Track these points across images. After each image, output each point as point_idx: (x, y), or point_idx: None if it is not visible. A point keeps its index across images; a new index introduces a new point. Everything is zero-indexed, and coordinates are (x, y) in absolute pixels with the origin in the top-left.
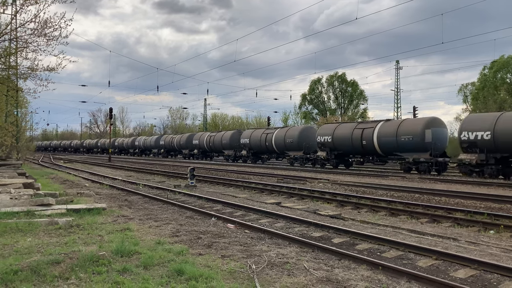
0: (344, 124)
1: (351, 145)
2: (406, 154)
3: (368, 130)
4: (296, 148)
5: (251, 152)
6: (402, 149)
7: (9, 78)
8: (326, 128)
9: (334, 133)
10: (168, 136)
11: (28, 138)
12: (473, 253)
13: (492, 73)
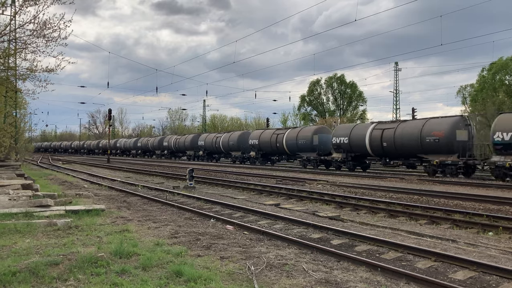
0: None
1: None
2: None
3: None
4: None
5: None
6: (426, 150)
7: (8, 79)
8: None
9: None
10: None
11: (27, 139)
12: (472, 254)
13: (490, 74)
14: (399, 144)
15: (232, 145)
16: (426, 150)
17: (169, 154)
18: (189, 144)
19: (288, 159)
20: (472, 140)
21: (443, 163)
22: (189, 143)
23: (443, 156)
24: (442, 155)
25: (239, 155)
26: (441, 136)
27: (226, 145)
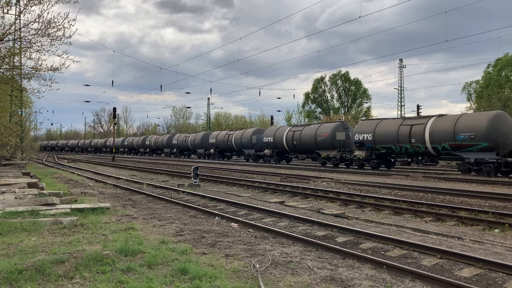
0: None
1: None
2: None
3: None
4: (329, 147)
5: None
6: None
7: (13, 78)
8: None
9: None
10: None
11: (32, 138)
12: (477, 252)
13: (496, 71)
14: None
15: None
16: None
17: (179, 152)
18: (199, 142)
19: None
20: (349, 139)
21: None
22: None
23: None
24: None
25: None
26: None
27: (238, 142)
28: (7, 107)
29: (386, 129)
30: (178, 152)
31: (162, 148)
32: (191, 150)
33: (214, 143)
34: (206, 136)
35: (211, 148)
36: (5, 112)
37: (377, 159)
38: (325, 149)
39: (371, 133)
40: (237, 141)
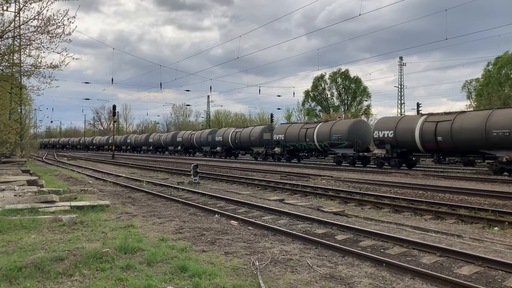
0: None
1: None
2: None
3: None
4: (259, 145)
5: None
6: (491, 145)
7: (13, 76)
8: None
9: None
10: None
11: (32, 136)
12: (477, 250)
13: (496, 69)
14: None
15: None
16: (491, 145)
17: (183, 150)
18: (205, 139)
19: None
20: (272, 139)
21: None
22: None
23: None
24: None
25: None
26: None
27: (247, 140)
28: (7, 105)
29: (293, 131)
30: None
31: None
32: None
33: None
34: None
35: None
36: (5, 110)
37: (288, 154)
38: (257, 146)
39: (283, 134)
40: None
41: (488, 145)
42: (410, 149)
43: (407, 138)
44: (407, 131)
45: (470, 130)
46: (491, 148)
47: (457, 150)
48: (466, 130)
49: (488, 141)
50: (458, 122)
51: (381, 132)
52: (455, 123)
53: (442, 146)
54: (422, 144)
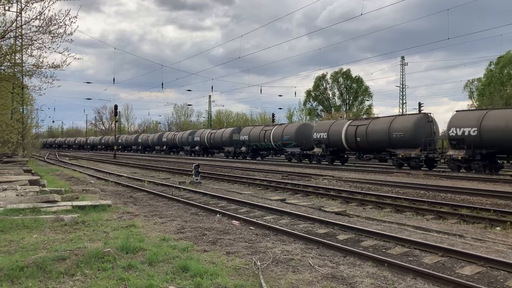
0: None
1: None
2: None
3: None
4: (229, 145)
5: (250, 149)
6: (393, 145)
7: (15, 76)
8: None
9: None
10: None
11: (33, 135)
12: (479, 249)
13: (498, 68)
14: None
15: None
16: (392, 145)
17: (202, 150)
18: (186, 140)
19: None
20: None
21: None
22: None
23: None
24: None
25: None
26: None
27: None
28: (9, 105)
29: (255, 132)
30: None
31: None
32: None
33: (247, 140)
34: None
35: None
36: (7, 110)
37: (252, 152)
38: (227, 146)
39: (248, 135)
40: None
41: (390, 144)
42: (339, 148)
43: (337, 139)
44: (337, 133)
45: (379, 132)
46: (393, 147)
47: (371, 149)
48: (377, 133)
49: (390, 142)
50: (371, 126)
51: (318, 134)
52: (369, 127)
53: (361, 145)
54: (347, 144)
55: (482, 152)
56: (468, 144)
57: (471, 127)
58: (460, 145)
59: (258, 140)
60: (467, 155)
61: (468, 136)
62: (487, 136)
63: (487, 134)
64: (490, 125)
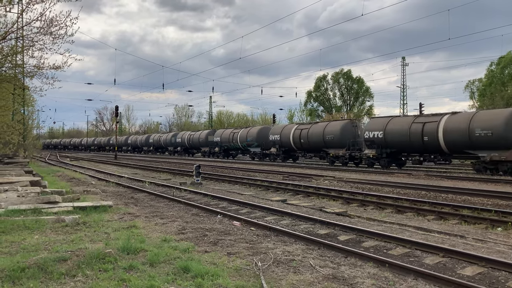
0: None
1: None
2: (330, 150)
3: (304, 130)
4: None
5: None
6: (326, 145)
7: (16, 77)
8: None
9: (281, 133)
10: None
11: (34, 136)
12: (480, 250)
13: (499, 69)
14: (311, 141)
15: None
16: (326, 145)
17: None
18: (169, 141)
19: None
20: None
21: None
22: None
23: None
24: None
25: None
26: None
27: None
28: (10, 106)
29: (226, 135)
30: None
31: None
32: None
33: (278, 140)
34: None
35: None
36: (8, 111)
37: (223, 152)
38: (204, 146)
39: (220, 137)
40: (314, 137)
41: (325, 145)
42: (289, 148)
43: (287, 140)
44: (287, 135)
45: (316, 135)
46: (327, 147)
47: (312, 149)
48: (315, 135)
49: (324, 143)
50: (312, 130)
51: (273, 136)
52: (310, 130)
53: (304, 146)
54: (294, 145)
55: (387, 151)
56: (377, 144)
57: (379, 131)
58: (372, 146)
59: (228, 141)
60: (377, 154)
61: (377, 138)
62: (389, 138)
63: (389, 137)
64: (391, 129)
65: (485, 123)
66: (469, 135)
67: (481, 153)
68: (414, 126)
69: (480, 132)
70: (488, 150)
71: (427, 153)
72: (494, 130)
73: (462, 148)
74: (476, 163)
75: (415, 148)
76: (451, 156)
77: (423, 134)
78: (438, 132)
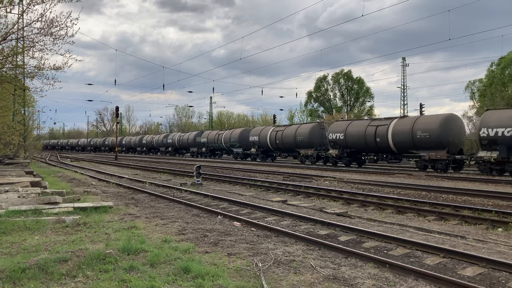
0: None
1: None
2: (301, 150)
3: (279, 132)
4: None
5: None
6: (298, 146)
7: (16, 77)
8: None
9: (260, 134)
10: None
11: (35, 137)
12: (481, 251)
13: (499, 69)
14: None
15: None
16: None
17: (173, 151)
18: (161, 142)
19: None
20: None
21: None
22: (161, 141)
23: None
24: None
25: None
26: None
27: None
28: (10, 106)
29: (211, 136)
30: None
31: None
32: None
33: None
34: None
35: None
36: (8, 111)
37: (210, 152)
38: (192, 147)
39: (206, 138)
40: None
41: (296, 146)
42: (267, 148)
43: (265, 141)
44: (265, 137)
45: (289, 136)
46: (298, 147)
47: (286, 149)
48: (288, 137)
49: (296, 143)
50: (286, 132)
51: (253, 137)
52: (284, 132)
53: (279, 146)
54: (271, 145)
55: (347, 150)
56: (339, 145)
57: (340, 133)
58: (336, 146)
59: (214, 142)
60: (339, 153)
61: (339, 140)
62: (348, 140)
63: (349, 138)
64: (350, 132)
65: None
66: (230, 141)
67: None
68: (368, 129)
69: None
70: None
71: (380, 152)
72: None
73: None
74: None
75: (370, 148)
76: (400, 155)
77: (376, 136)
78: (387, 134)
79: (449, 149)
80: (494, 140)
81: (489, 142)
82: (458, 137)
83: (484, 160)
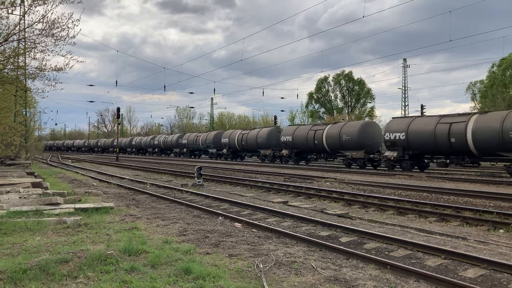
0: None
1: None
2: (262, 151)
3: (248, 135)
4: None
5: (189, 150)
6: (259, 147)
7: (18, 78)
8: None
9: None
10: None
11: (36, 138)
12: (482, 252)
13: (501, 70)
14: (249, 143)
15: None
16: (259, 146)
17: (159, 152)
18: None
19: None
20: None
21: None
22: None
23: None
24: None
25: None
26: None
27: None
28: (12, 107)
29: (191, 137)
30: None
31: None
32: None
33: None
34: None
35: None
36: (10, 112)
37: (190, 152)
38: (175, 148)
39: (187, 140)
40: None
41: (258, 146)
42: (236, 149)
43: (233, 143)
44: (233, 139)
45: (252, 139)
46: (259, 148)
47: (250, 149)
48: (251, 139)
49: (257, 145)
50: (249, 134)
51: (224, 139)
52: (248, 135)
53: (245, 147)
54: (238, 146)
55: (295, 151)
56: (289, 146)
57: (289, 136)
58: (287, 147)
59: (193, 143)
60: (289, 153)
61: (288, 142)
62: (296, 142)
63: (296, 140)
64: (297, 135)
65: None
66: (206, 142)
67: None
68: (309, 133)
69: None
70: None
71: (319, 152)
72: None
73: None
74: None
75: (311, 149)
76: (333, 154)
77: (314, 139)
78: (323, 137)
79: (366, 150)
80: (394, 142)
81: (391, 144)
82: (374, 140)
83: (388, 158)
